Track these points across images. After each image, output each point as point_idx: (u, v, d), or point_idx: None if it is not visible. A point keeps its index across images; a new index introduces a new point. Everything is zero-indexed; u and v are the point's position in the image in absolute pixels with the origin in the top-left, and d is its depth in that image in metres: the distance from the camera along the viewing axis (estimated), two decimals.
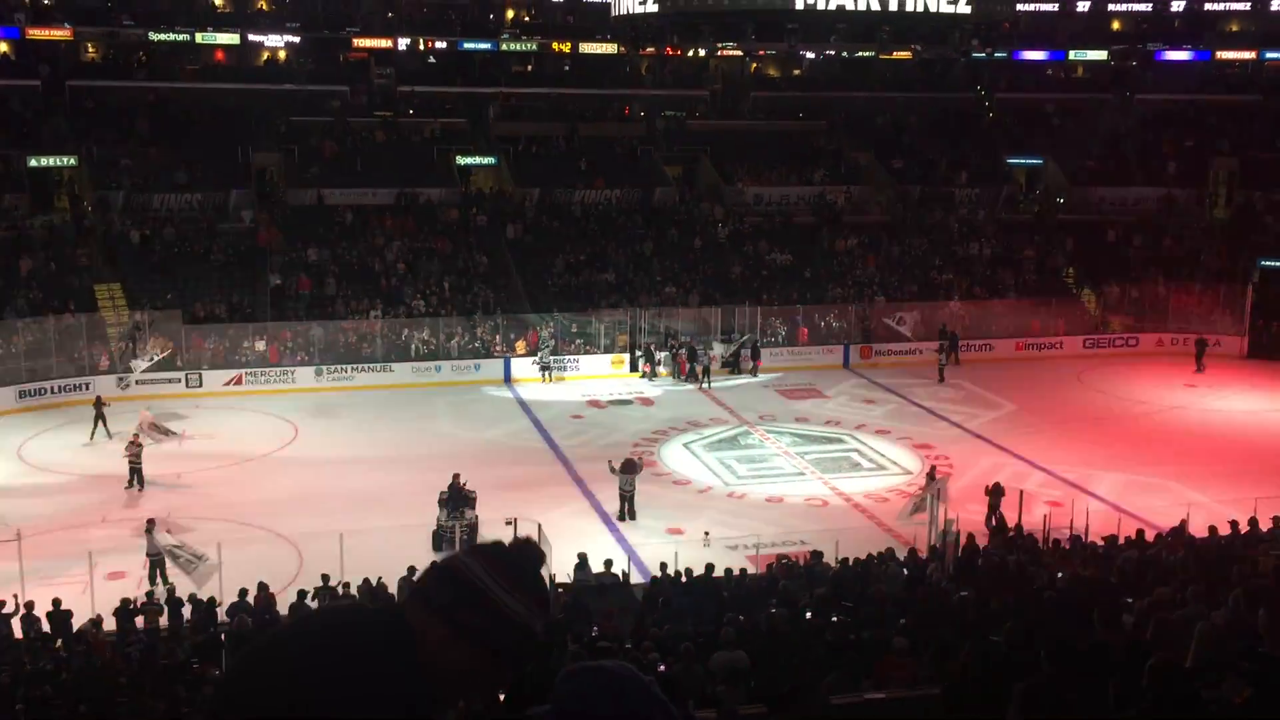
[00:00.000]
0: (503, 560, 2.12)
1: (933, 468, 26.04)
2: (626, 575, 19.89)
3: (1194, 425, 32.48)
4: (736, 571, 18.84)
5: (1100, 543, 19.43)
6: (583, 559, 19.44)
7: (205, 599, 18.25)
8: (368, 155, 44.57)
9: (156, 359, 32.15)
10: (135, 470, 25.65)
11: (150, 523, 20.83)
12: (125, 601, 17.97)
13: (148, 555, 20.57)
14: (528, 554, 2.16)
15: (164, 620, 17.96)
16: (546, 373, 36.08)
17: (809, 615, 14.98)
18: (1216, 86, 53.15)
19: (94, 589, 18.95)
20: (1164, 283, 42.80)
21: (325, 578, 18.57)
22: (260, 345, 35.77)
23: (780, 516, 24.65)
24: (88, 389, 32.47)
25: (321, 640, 2.07)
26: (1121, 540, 19.53)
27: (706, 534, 22.67)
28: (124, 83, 45.82)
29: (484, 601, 2.05)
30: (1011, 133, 51.74)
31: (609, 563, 19.55)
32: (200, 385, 34.36)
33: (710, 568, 18.53)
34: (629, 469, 24.34)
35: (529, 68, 53.50)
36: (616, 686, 2.15)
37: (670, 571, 18.85)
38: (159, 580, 20.31)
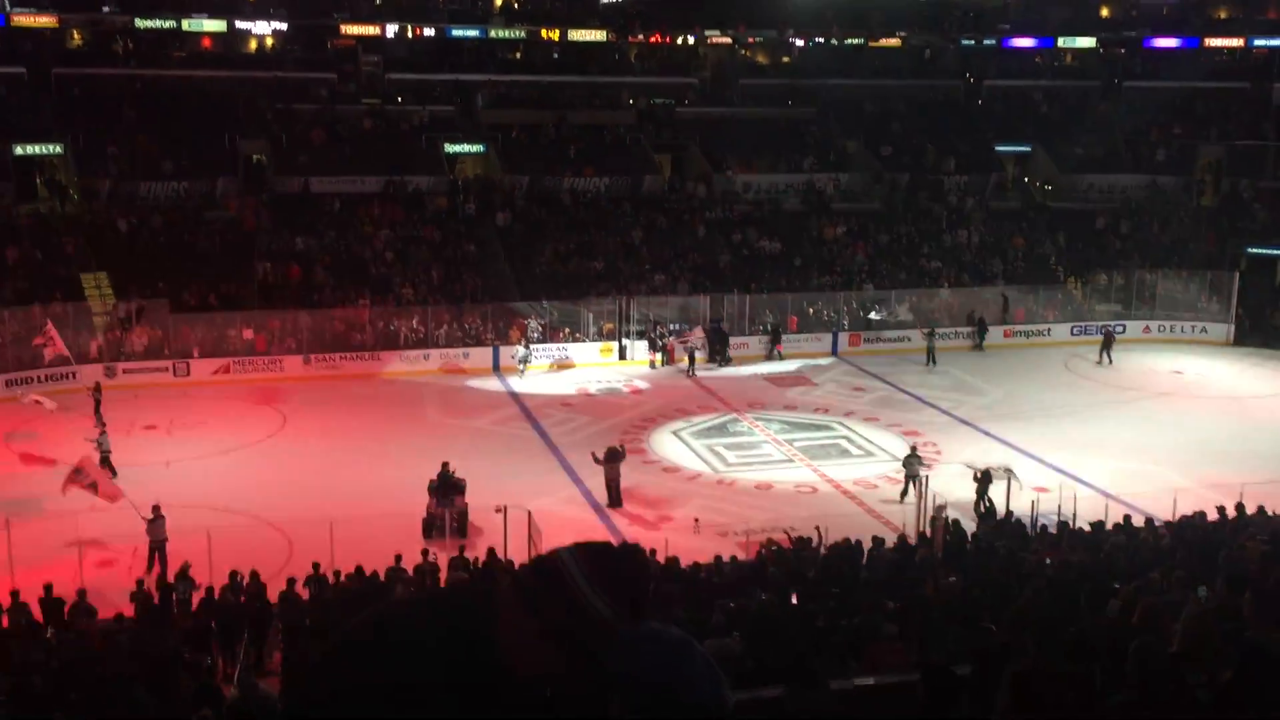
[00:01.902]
0: (600, 559, 2.11)
1: (913, 446, 26.13)
2: None
3: (1181, 412, 32.61)
4: (726, 558, 18.90)
5: (1087, 529, 19.53)
6: None
7: (196, 585, 18.25)
8: (355, 143, 44.40)
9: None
10: (104, 458, 25.56)
11: (155, 508, 20.81)
12: (160, 588, 17.94)
13: (151, 541, 20.53)
14: (628, 557, 2.15)
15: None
16: (524, 365, 35.67)
17: (798, 601, 15.03)
18: (1205, 74, 53.22)
19: (83, 577, 18.91)
20: (1151, 270, 42.95)
21: (316, 565, 18.57)
22: (248, 334, 35.68)
23: (769, 503, 24.71)
24: (75, 378, 32.36)
25: (403, 620, 2.15)
26: (1109, 526, 19.63)
27: (696, 520, 22.74)
28: (110, 70, 45.55)
29: (569, 596, 2.04)
30: (1000, 120, 51.78)
31: None
32: (188, 374, 34.27)
33: (719, 559, 18.56)
34: (613, 457, 24.37)
35: (517, 55, 53.32)
36: (671, 652, 2.14)
37: (660, 558, 18.89)
38: (156, 565, 20.28)
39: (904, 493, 24.52)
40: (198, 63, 48.17)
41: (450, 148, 45.59)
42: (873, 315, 40.04)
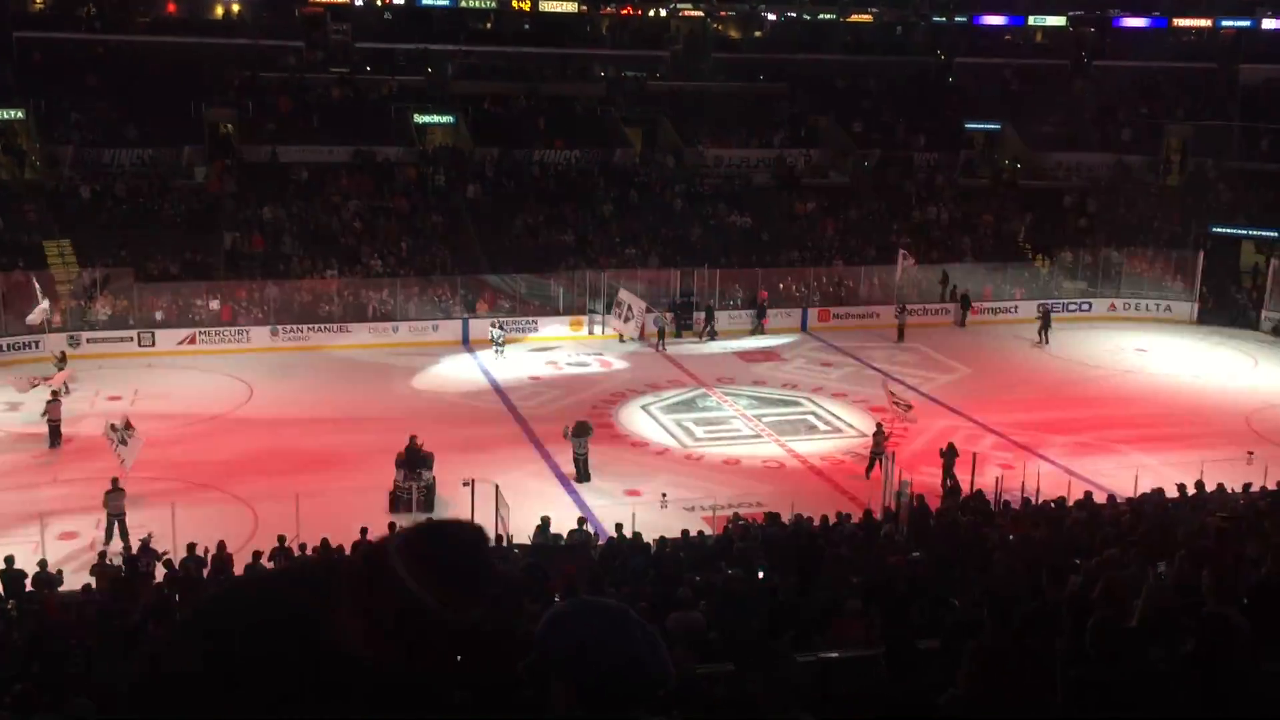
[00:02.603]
0: (420, 543, 1.93)
1: (879, 424, 26.32)
2: (595, 535, 20.02)
3: (1144, 389, 32.96)
4: (693, 532, 18.98)
5: (1050, 504, 19.74)
6: (545, 522, 19.50)
7: (160, 554, 18.15)
8: (324, 112, 43.93)
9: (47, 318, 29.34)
10: (54, 428, 25.32)
11: (114, 481, 20.62)
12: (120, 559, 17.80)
13: (108, 514, 20.35)
14: (451, 539, 1.95)
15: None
16: (500, 347, 34.47)
17: (764, 575, 15.12)
18: (1173, 54, 53.56)
19: (45, 549, 18.76)
20: (1117, 248, 43.32)
21: (281, 539, 18.49)
22: (214, 304, 35.34)
23: (737, 478, 24.83)
24: (38, 347, 32.00)
25: (228, 600, 2.01)
26: (1071, 502, 19.85)
27: (664, 495, 22.81)
28: (73, 34, 44.81)
29: (392, 584, 1.87)
30: (970, 97, 51.90)
31: (582, 520, 19.81)
32: (153, 344, 33.93)
33: (686, 534, 18.63)
34: (581, 432, 24.37)
35: (488, 25, 52.90)
36: (607, 624, 2.08)
37: (626, 532, 18.95)
38: (115, 537, 20.11)
39: (870, 469, 24.69)
40: (163, 28, 47.43)
41: (420, 118, 45.19)
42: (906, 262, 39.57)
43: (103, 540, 20.04)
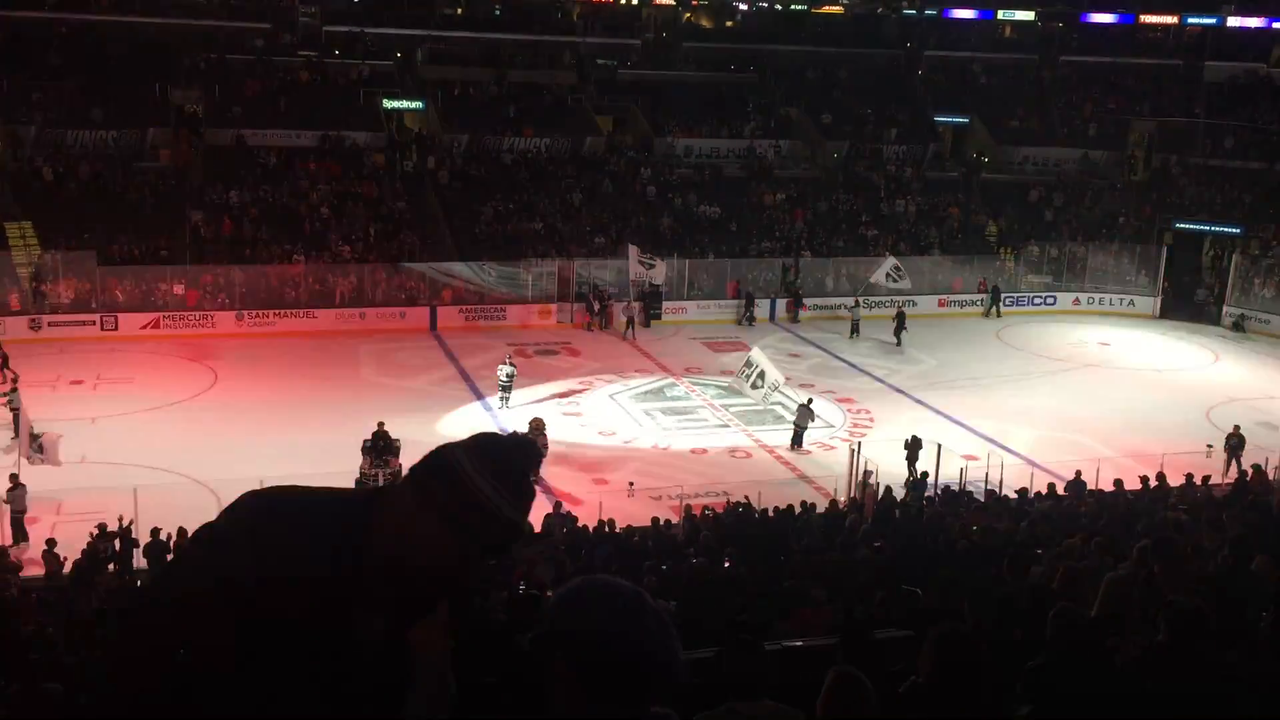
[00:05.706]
0: (488, 448, 2.16)
1: (809, 399, 27.21)
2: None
3: (1107, 383, 33.32)
4: (661, 521, 19.03)
5: (1013, 496, 19.93)
6: None
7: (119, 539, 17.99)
8: (292, 96, 43.50)
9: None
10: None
11: (13, 476, 20.09)
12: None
13: (11, 511, 19.77)
14: (517, 447, 2.20)
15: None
16: (505, 396, 28.79)
17: (729, 564, 15.19)
18: (1139, 50, 54.03)
19: (2, 535, 18.54)
20: (1082, 243, 43.72)
21: None
22: (179, 288, 34.99)
23: (704, 467, 24.89)
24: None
25: (277, 510, 2.21)
26: (1033, 494, 20.06)
27: (631, 484, 22.84)
28: (34, 13, 44.05)
29: (458, 482, 2.10)
30: (939, 91, 52.13)
31: (559, 504, 19.85)
32: (115, 328, 33.56)
33: (656, 521, 18.64)
34: (537, 430, 24.07)
35: (459, 10, 52.55)
36: (622, 606, 2.09)
37: (594, 521, 18.97)
38: (23, 538, 19.64)
39: (795, 442, 25.17)
40: (128, 7, 46.64)
41: (389, 103, 44.88)
42: (890, 281, 38.33)
43: (12, 540, 19.38)
